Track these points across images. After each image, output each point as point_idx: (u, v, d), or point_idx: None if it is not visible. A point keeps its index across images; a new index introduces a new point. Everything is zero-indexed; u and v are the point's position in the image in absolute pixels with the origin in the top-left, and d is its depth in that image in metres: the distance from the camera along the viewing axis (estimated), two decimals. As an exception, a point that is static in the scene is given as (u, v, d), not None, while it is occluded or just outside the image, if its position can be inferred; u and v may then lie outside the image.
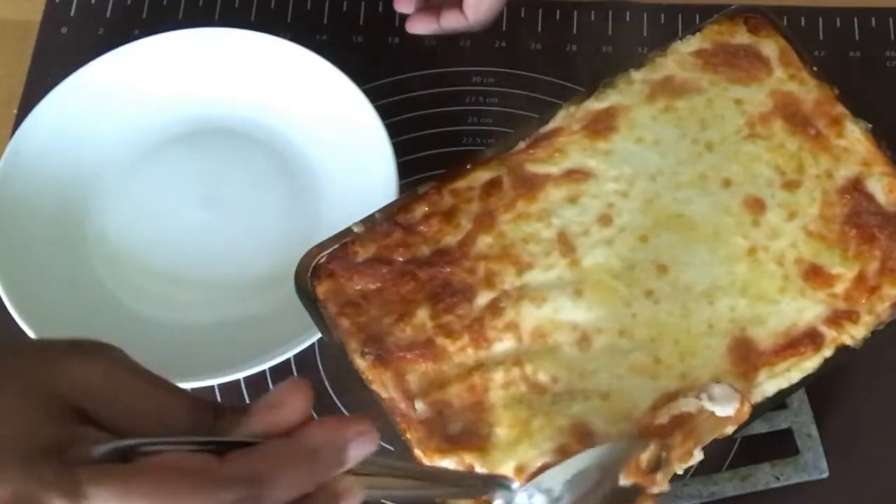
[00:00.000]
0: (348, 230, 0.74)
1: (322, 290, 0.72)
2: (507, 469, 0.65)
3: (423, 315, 0.71)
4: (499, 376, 0.68)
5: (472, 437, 0.66)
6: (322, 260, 0.73)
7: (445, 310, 0.71)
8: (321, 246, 0.73)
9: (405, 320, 0.71)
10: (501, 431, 0.66)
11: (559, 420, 0.66)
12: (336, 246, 0.73)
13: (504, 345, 0.70)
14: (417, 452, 0.67)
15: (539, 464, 0.65)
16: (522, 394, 0.68)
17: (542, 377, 0.68)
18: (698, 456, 0.65)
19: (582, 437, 0.66)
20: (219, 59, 0.91)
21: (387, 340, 0.70)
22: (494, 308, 0.71)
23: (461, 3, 0.88)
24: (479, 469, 0.66)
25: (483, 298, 0.71)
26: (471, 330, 0.70)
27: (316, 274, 0.73)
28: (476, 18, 0.88)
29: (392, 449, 0.68)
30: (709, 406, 0.66)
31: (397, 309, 0.71)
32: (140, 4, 0.99)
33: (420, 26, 0.92)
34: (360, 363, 0.70)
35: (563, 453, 0.64)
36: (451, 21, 0.89)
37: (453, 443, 0.66)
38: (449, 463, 0.66)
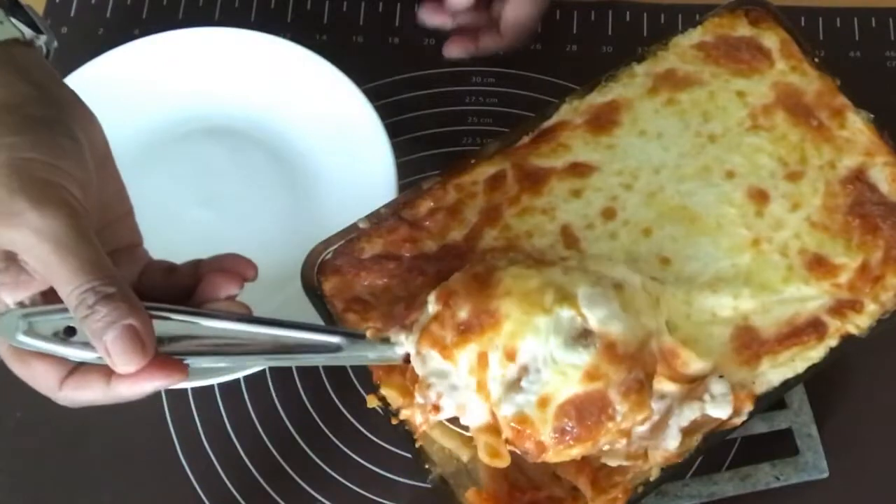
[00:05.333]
0: (353, 226, 0.74)
1: (328, 286, 0.72)
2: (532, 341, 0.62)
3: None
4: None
5: (482, 316, 0.64)
6: (328, 256, 0.73)
7: None
8: (326, 242, 0.73)
9: (412, 310, 0.70)
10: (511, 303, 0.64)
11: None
12: (342, 242, 0.73)
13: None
14: (433, 354, 0.64)
15: None
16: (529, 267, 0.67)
17: None
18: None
19: None
20: (219, 58, 0.91)
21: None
22: None
23: (497, 25, 0.89)
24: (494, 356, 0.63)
25: None
26: None
27: (322, 270, 0.73)
28: (512, 39, 0.90)
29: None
30: (709, 408, 0.66)
31: (405, 303, 0.71)
32: (140, 4, 1.00)
33: (458, 50, 0.92)
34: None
35: None
36: (488, 43, 0.91)
37: (467, 330, 0.64)
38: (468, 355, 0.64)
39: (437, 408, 0.64)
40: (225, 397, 0.83)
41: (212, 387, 0.82)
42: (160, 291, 0.63)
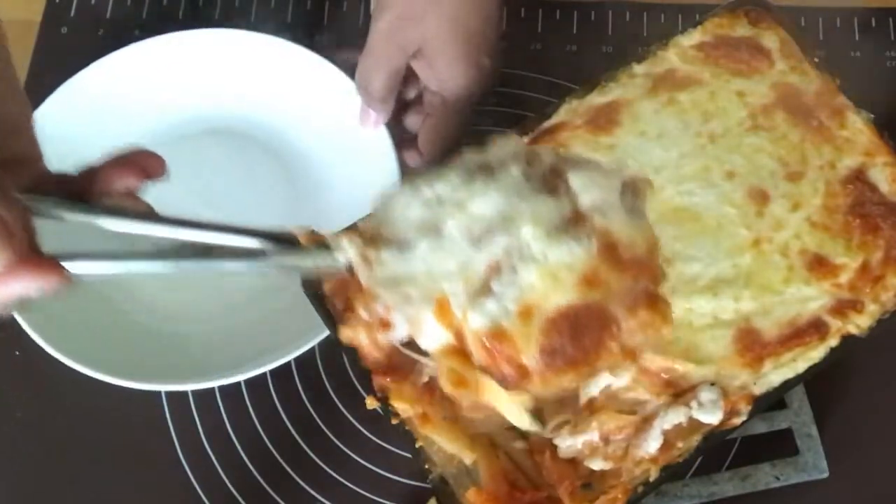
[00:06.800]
0: (353, 227, 0.73)
1: (328, 286, 0.72)
2: None
3: None
4: None
5: None
6: None
7: None
8: None
9: None
10: None
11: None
12: None
13: None
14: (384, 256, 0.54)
15: None
16: None
17: None
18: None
19: None
20: (219, 59, 0.91)
21: None
22: None
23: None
24: None
25: None
26: None
27: None
28: (431, 156, 0.87)
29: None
30: (696, 414, 0.66)
31: None
32: (140, 5, 1.00)
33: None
34: None
35: None
36: (409, 159, 0.88)
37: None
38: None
39: (385, 323, 0.53)
40: (225, 398, 0.83)
41: (212, 388, 0.82)
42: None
